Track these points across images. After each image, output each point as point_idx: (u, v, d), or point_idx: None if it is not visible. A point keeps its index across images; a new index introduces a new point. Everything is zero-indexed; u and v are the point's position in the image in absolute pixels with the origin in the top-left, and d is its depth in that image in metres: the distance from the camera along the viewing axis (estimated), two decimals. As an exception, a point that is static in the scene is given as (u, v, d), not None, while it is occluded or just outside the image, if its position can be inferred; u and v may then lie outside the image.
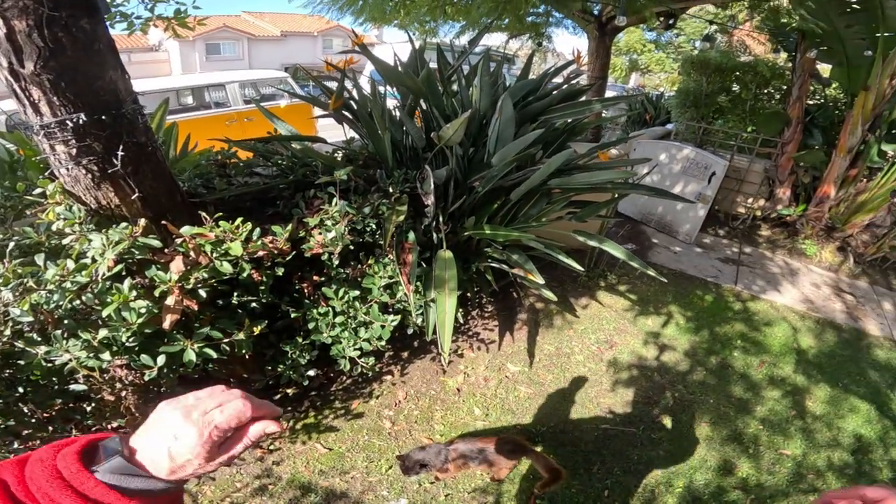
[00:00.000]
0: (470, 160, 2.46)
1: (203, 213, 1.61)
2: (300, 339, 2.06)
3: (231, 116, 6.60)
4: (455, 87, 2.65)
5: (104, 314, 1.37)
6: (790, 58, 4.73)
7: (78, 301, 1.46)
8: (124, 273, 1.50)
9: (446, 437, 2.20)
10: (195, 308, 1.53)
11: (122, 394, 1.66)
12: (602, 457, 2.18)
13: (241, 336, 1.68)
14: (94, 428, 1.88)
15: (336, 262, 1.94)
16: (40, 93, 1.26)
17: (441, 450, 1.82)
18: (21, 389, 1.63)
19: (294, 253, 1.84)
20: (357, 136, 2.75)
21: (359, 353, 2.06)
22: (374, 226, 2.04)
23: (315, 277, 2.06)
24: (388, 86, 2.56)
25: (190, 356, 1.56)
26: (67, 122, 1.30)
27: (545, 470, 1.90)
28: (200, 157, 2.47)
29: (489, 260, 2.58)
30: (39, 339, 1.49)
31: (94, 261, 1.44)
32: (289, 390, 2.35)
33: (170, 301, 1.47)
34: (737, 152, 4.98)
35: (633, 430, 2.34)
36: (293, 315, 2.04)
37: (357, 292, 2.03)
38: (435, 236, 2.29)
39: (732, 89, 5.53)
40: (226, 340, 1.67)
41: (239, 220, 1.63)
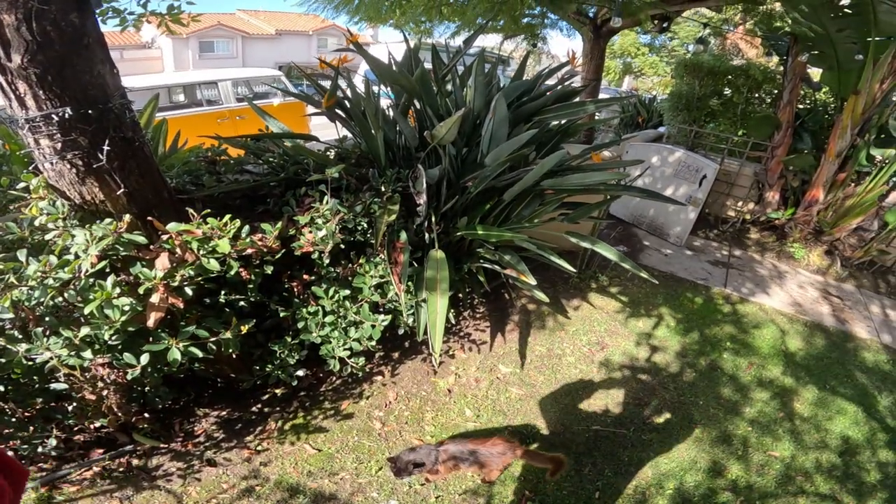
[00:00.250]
0: (463, 160, 2.46)
1: (191, 210, 1.58)
2: (289, 339, 2.04)
3: (223, 114, 6.55)
4: (449, 87, 2.65)
5: (86, 311, 1.34)
6: (781, 62, 4.79)
7: (60, 298, 1.43)
8: (108, 270, 1.48)
9: (437, 439, 2.19)
10: (181, 306, 1.50)
11: (104, 393, 1.63)
12: (593, 458, 2.18)
13: (228, 335, 1.66)
14: (76, 427, 1.84)
15: (326, 261, 1.92)
16: (26, 86, 1.24)
17: (431, 451, 1.81)
18: (1, 388, 1.60)
19: (284, 251, 1.82)
20: (350, 135, 2.73)
21: (349, 353, 2.04)
22: (365, 225, 2.03)
23: (305, 276, 2.04)
24: (382, 85, 2.55)
25: (175, 355, 1.53)
26: (53, 116, 1.27)
27: (545, 462, 1.93)
28: (190, 153, 2.44)
29: (481, 260, 2.58)
30: (20, 336, 1.46)
31: (77, 257, 1.41)
32: (277, 390, 2.32)
33: (154, 299, 1.44)
34: (727, 156, 5.02)
35: (624, 432, 2.34)
36: (282, 314, 2.01)
37: (347, 291, 2.01)
38: (427, 236, 2.28)
39: (724, 93, 5.58)
40: (212, 339, 1.64)
41: (227, 217, 1.60)
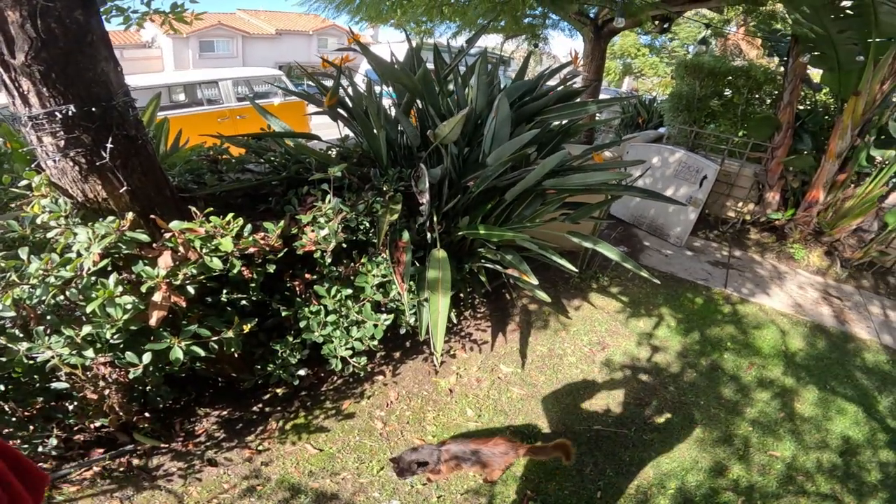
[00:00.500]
0: (465, 160, 2.46)
1: (193, 209, 1.58)
2: (290, 338, 2.03)
3: (223, 113, 6.54)
4: (451, 87, 2.65)
5: (88, 310, 1.34)
6: (782, 63, 4.79)
7: (62, 296, 1.43)
8: (110, 268, 1.47)
9: (438, 438, 2.18)
10: (183, 305, 1.50)
11: (106, 392, 1.62)
12: (594, 458, 2.18)
13: (230, 334, 1.65)
14: (77, 427, 1.84)
15: (328, 260, 1.92)
16: (30, 84, 1.24)
17: (433, 451, 1.81)
18: (1, 387, 1.59)
19: (286, 250, 1.82)
20: (352, 134, 2.73)
21: (350, 352, 2.04)
22: (367, 224, 2.03)
23: (307, 275, 2.03)
24: (383, 85, 2.55)
25: (177, 354, 1.53)
26: (56, 113, 1.27)
27: (550, 453, 1.93)
28: (192, 152, 2.43)
29: (482, 260, 2.58)
30: (21, 335, 1.45)
31: (80, 255, 1.40)
32: (278, 390, 2.32)
33: (157, 297, 1.44)
34: (728, 156, 5.03)
35: (626, 432, 2.34)
36: (284, 313, 2.01)
37: (349, 291, 2.01)
38: (429, 236, 2.28)
39: (724, 94, 5.59)
40: (214, 338, 1.64)
41: (230, 215, 1.60)
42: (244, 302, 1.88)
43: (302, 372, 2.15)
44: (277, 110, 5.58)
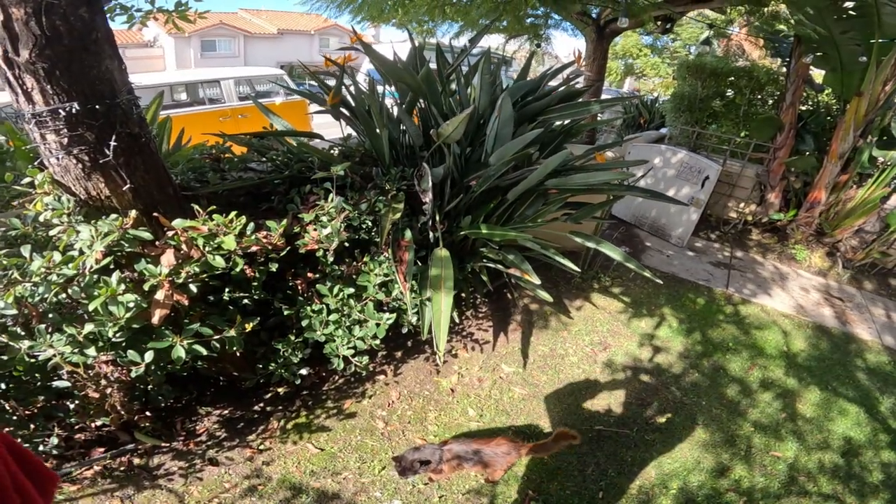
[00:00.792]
0: (467, 159, 2.45)
1: (196, 207, 1.57)
2: (292, 337, 2.03)
3: (225, 112, 6.54)
4: (453, 87, 2.64)
5: (91, 308, 1.34)
6: (784, 63, 4.79)
7: (64, 294, 1.42)
8: (112, 266, 1.47)
9: (440, 438, 2.18)
10: (186, 303, 1.49)
11: (108, 391, 1.62)
12: (596, 458, 2.17)
13: (232, 333, 1.65)
14: (77, 426, 1.83)
15: (331, 259, 1.92)
16: (34, 81, 1.24)
17: (436, 451, 1.80)
18: (2, 385, 1.59)
19: (288, 249, 1.82)
20: (354, 134, 2.73)
21: (353, 351, 2.03)
22: (369, 223, 2.02)
23: (309, 274, 2.03)
24: (385, 85, 2.54)
25: (179, 353, 1.52)
26: (60, 111, 1.27)
27: (554, 446, 1.95)
28: (194, 150, 2.43)
29: (484, 260, 2.57)
30: (23, 333, 1.45)
31: (82, 253, 1.40)
32: (280, 389, 2.31)
33: (159, 295, 1.43)
34: (730, 157, 5.02)
35: (627, 432, 2.34)
36: (286, 312, 2.00)
37: (352, 290, 2.00)
38: (431, 235, 2.27)
39: (727, 94, 5.58)
40: (216, 337, 1.63)
41: (233, 213, 1.60)
42: (246, 301, 1.88)
43: (303, 371, 2.15)
44: (279, 109, 5.57)
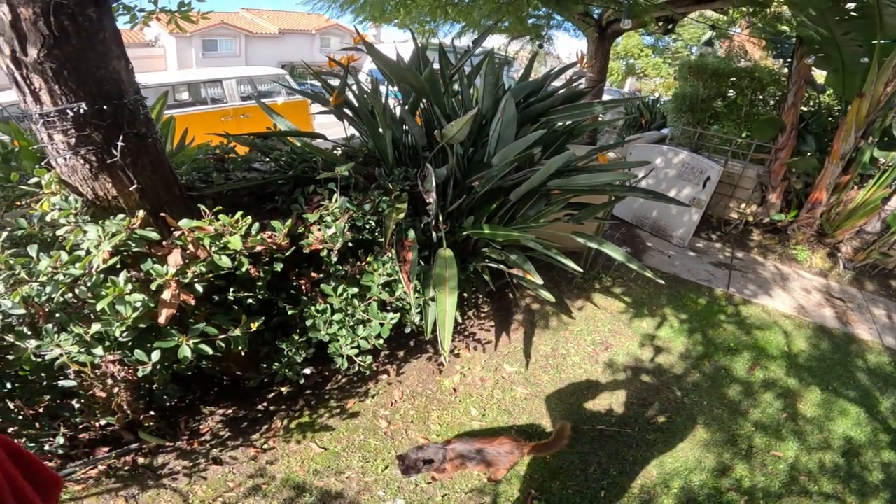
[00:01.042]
0: (470, 160, 2.46)
1: (203, 207, 1.58)
2: (296, 337, 2.04)
3: (227, 112, 6.55)
4: (456, 87, 2.65)
5: (98, 307, 1.34)
6: (786, 64, 4.79)
7: (70, 294, 1.43)
8: (119, 266, 1.48)
9: (443, 437, 2.19)
10: (192, 303, 1.50)
11: (115, 391, 1.62)
12: (598, 457, 2.18)
13: (237, 332, 1.66)
14: (82, 425, 1.84)
15: (335, 259, 1.93)
16: (42, 81, 1.24)
17: (439, 450, 1.81)
18: (8, 385, 1.59)
19: (293, 249, 1.82)
20: (357, 134, 2.73)
21: (356, 351, 2.04)
22: (373, 223, 2.03)
23: (313, 274, 2.04)
24: (388, 85, 2.55)
25: (185, 352, 1.53)
26: (68, 111, 1.27)
27: (553, 445, 1.98)
28: (198, 150, 2.44)
29: (486, 260, 2.58)
30: (30, 333, 1.46)
31: (89, 253, 1.41)
32: (283, 389, 2.32)
33: (166, 295, 1.44)
34: (731, 157, 5.03)
35: (629, 431, 2.35)
36: (290, 312, 2.01)
37: (356, 290, 2.01)
38: (434, 235, 2.28)
39: (728, 95, 5.59)
40: (221, 337, 1.64)
41: (238, 214, 1.61)
42: (251, 300, 1.89)
43: (307, 371, 2.16)
44: (281, 109, 5.58)
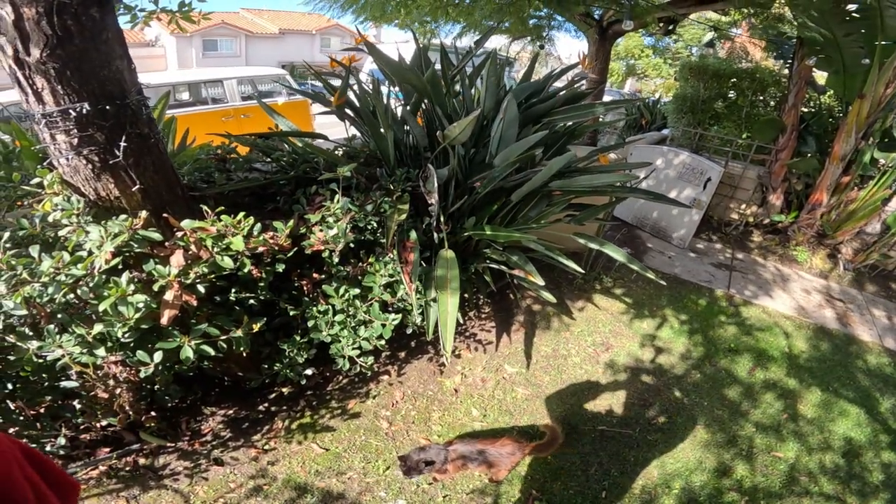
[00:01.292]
0: (471, 160, 2.46)
1: (205, 208, 1.58)
2: (298, 338, 2.03)
3: (227, 112, 6.54)
4: (457, 88, 2.65)
5: (101, 308, 1.34)
6: (787, 65, 4.80)
7: (72, 295, 1.43)
8: (121, 267, 1.48)
9: (444, 438, 2.19)
10: (194, 304, 1.50)
11: (117, 391, 1.62)
12: (599, 458, 2.18)
13: (239, 333, 1.66)
14: (83, 426, 1.84)
15: (336, 260, 1.93)
16: (44, 81, 1.24)
17: (441, 451, 1.81)
18: (10, 385, 1.59)
19: (294, 249, 1.82)
20: (358, 134, 2.73)
21: (358, 352, 2.04)
22: (375, 224, 2.03)
23: (315, 275, 2.04)
24: (389, 85, 2.55)
25: (187, 353, 1.53)
26: (70, 111, 1.27)
27: (551, 444, 2.02)
28: (200, 150, 2.44)
29: (488, 261, 2.58)
30: (31, 333, 1.46)
31: (91, 253, 1.41)
32: (284, 389, 2.32)
33: (169, 296, 1.44)
34: (731, 158, 5.03)
35: (630, 432, 2.35)
36: (292, 313, 2.01)
37: (357, 290, 2.01)
38: (436, 236, 2.28)
39: (729, 96, 5.59)
40: (223, 338, 1.64)
41: (241, 214, 1.60)
42: (252, 301, 1.89)
43: (308, 371, 2.16)
44: (282, 109, 5.58)
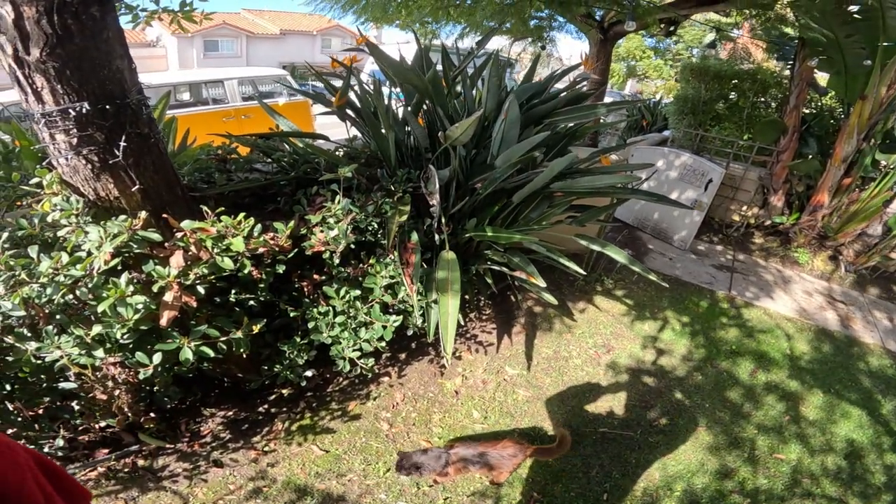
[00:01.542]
0: (472, 161, 2.45)
1: (205, 208, 1.57)
2: (298, 339, 2.02)
3: (228, 113, 6.54)
4: (459, 88, 2.64)
5: (100, 309, 1.33)
6: (788, 66, 4.79)
7: (71, 295, 1.42)
8: (120, 268, 1.47)
9: (445, 440, 2.18)
10: (194, 305, 1.49)
11: (116, 393, 1.61)
12: (601, 460, 2.17)
13: (238, 334, 1.65)
14: (82, 427, 1.83)
15: (337, 261, 1.92)
16: (44, 80, 1.23)
17: (441, 453, 1.80)
18: (8, 387, 1.58)
19: (295, 251, 1.81)
20: (359, 135, 2.73)
21: (358, 353, 2.03)
22: (376, 225, 2.02)
23: (315, 276, 2.03)
24: (391, 86, 2.54)
25: (187, 355, 1.52)
26: (70, 110, 1.26)
27: (556, 450, 2.01)
28: (200, 151, 2.43)
29: (489, 262, 2.57)
30: (30, 334, 1.45)
31: (90, 254, 1.40)
32: (284, 391, 2.31)
33: (168, 297, 1.43)
34: (733, 160, 5.03)
35: (631, 434, 2.34)
36: (292, 314, 2.00)
37: (358, 292, 2.00)
38: (437, 237, 2.27)
39: (730, 97, 5.59)
40: (223, 339, 1.63)
41: (241, 215, 1.60)
42: (252, 302, 1.88)
43: (309, 373, 2.15)
44: (282, 110, 5.57)
